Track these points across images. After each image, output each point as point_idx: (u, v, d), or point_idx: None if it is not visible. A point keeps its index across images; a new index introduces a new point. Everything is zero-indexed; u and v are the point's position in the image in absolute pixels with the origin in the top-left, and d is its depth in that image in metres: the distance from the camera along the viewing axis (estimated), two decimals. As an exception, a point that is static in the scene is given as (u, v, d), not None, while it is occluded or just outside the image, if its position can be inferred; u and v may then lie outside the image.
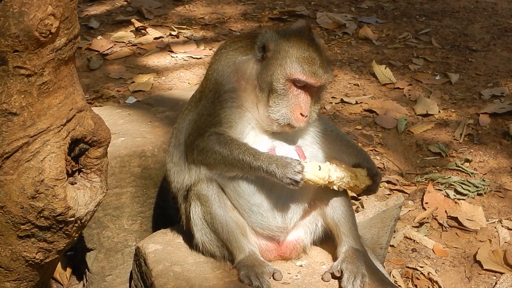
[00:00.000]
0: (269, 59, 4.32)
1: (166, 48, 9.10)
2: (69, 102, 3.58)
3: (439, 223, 6.39)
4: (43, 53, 3.38)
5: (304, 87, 4.29)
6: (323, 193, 4.54)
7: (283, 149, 4.39)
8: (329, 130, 4.66)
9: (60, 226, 3.67)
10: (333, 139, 4.65)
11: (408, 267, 5.94)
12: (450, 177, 6.87)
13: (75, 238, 3.84)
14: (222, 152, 4.27)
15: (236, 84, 4.38)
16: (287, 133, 4.39)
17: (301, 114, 4.29)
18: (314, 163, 4.29)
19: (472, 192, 6.71)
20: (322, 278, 4.48)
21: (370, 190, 4.59)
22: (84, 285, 5.52)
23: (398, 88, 8.33)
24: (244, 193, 4.40)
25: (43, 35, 3.32)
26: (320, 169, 4.26)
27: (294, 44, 4.30)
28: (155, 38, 9.30)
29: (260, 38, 4.36)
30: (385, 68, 8.55)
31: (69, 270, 5.70)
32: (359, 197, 4.71)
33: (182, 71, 8.53)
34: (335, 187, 4.38)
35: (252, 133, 4.38)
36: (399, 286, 5.70)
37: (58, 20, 3.35)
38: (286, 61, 4.27)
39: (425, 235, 6.25)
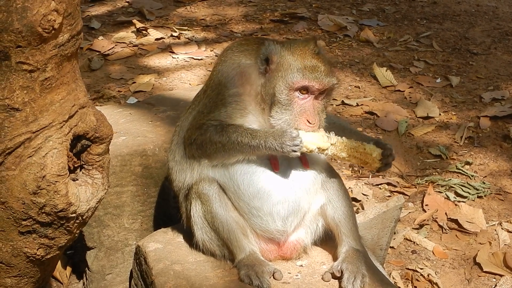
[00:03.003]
0: (272, 71, 4.29)
1: (167, 49, 9.12)
2: (71, 98, 3.58)
3: (439, 225, 6.39)
4: (46, 48, 3.38)
5: (308, 95, 4.28)
6: (324, 193, 4.54)
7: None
8: (332, 122, 4.63)
9: (62, 222, 3.66)
10: (336, 130, 4.60)
11: (408, 269, 5.94)
12: (450, 180, 6.87)
13: (76, 235, 3.84)
14: (221, 140, 4.26)
15: (240, 88, 4.37)
16: None
17: (308, 121, 4.27)
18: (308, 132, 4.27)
19: (472, 195, 6.71)
20: (322, 278, 4.48)
21: (387, 156, 4.38)
22: (84, 283, 5.52)
23: (399, 90, 8.34)
24: (244, 196, 4.39)
25: (46, 30, 3.32)
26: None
27: (298, 58, 4.27)
28: (156, 39, 9.31)
29: (263, 50, 4.33)
30: (386, 71, 8.56)
31: (69, 268, 5.69)
32: (379, 172, 4.56)
33: (183, 72, 8.53)
34: (344, 154, 4.31)
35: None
36: (399, 287, 5.70)
37: (61, 16, 3.35)
38: (288, 72, 4.24)
39: (425, 237, 6.26)
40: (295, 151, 4.15)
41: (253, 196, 4.37)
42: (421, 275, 5.86)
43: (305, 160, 4.43)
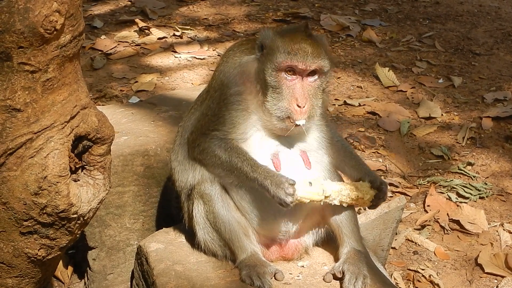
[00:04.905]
0: (264, 56, 4.32)
1: (169, 48, 9.11)
2: (73, 99, 3.59)
3: (441, 226, 6.39)
4: (48, 49, 3.39)
5: (296, 76, 4.25)
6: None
7: (287, 154, 4.39)
8: (335, 140, 4.62)
9: (63, 222, 3.67)
10: (337, 149, 4.60)
11: (409, 270, 5.94)
12: (452, 180, 6.87)
13: (77, 235, 3.84)
14: (222, 156, 4.29)
15: (242, 86, 4.38)
16: (292, 133, 4.36)
17: (298, 105, 4.26)
18: (304, 180, 4.27)
19: (474, 196, 6.71)
20: (323, 279, 4.48)
21: (378, 198, 4.48)
22: (85, 283, 5.52)
23: (401, 90, 8.33)
24: (246, 196, 4.40)
25: (48, 31, 3.33)
26: (311, 185, 4.26)
27: (287, 39, 4.28)
28: (159, 38, 9.30)
29: (259, 38, 4.38)
30: (389, 71, 8.55)
31: (70, 268, 5.70)
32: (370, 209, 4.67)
33: (185, 71, 8.53)
34: (336, 202, 4.37)
35: (257, 135, 4.36)
36: (400, 288, 5.72)
37: (63, 17, 3.36)
38: (275, 53, 4.25)
39: (427, 238, 6.25)
40: (283, 206, 4.18)
41: (256, 197, 4.37)
42: (423, 276, 5.86)
43: (307, 160, 4.43)
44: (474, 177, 6.98)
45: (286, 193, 4.13)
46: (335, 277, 4.46)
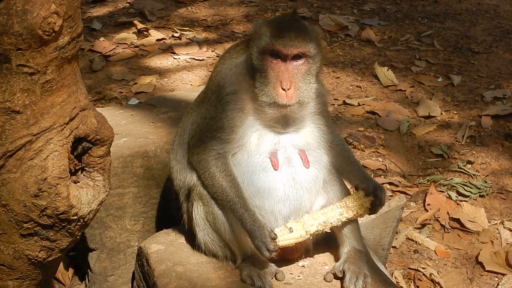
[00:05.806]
0: (252, 41, 4.35)
1: (168, 49, 9.10)
2: (72, 100, 3.58)
3: (441, 225, 6.39)
4: (46, 51, 3.39)
5: (280, 59, 4.25)
6: (325, 194, 4.54)
7: (286, 152, 4.38)
8: (335, 144, 4.60)
9: (63, 224, 3.67)
10: (337, 153, 4.59)
11: (410, 268, 5.94)
12: (452, 179, 6.87)
13: (78, 237, 3.84)
14: (216, 176, 4.34)
15: (237, 86, 4.39)
16: (289, 121, 4.37)
17: (283, 88, 4.23)
18: (284, 227, 4.32)
19: (474, 194, 6.71)
20: (324, 279, 4.49)
21: (375, 205, 4.45)
22: (86, 285, 5.52)
23: (400, 90, 8.33)
24: (245, 197, 4.39)
25: (47, 33, 3.33)
26: (292, 231, 4.30)
27: (273, 24, 4.32)
28: (158, 40, 9.30)
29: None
30: (388, 70, 8.55)
31: (71, 270, 5.69)
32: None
33: (184, 72, 8.53)
34: (327, 230, 4.41)
35: (255, 134, 4.36)
36: (401, 287, 5.70)
37: (61, 19, 3.36)
38: (261, 37, 4.28)
39: (427, 237, 6.25)
40: (261, 253, 4.26)
41: (254, 195, 4.37)
42: (424, 274, 5.86)
43: (305, 159, 4.43)
44: (474, 175, 6.98)
45: (266, 248, 4.21)
46: (336, 277, 4.47)
